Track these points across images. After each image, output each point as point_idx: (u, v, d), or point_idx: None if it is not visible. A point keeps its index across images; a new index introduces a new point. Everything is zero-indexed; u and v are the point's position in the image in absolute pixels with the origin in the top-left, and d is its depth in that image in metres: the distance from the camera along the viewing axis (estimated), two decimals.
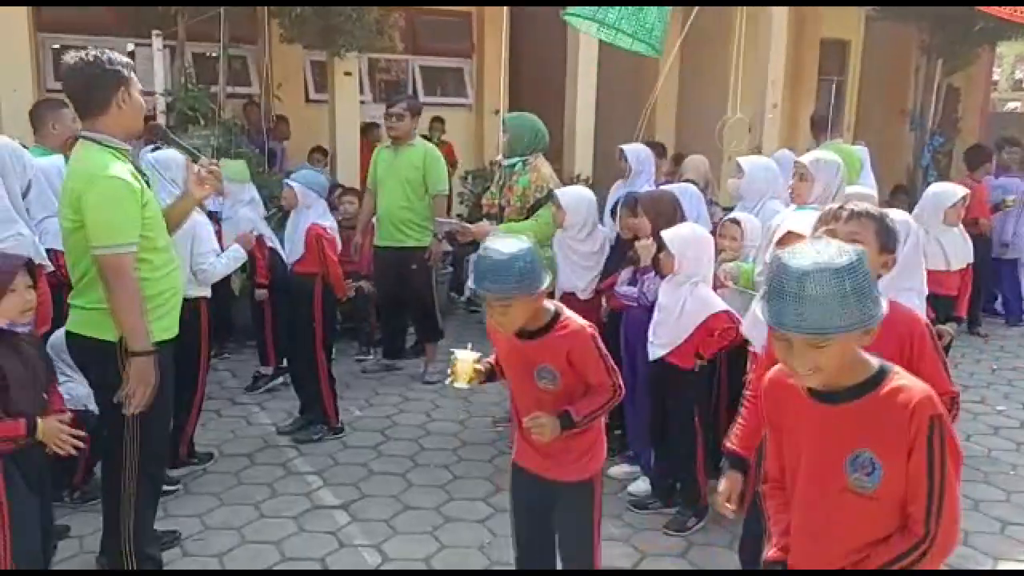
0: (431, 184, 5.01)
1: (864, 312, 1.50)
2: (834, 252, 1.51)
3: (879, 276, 2.10)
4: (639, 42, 4.08)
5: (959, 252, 4.34)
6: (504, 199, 4.29)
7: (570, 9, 4.14)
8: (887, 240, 2.12)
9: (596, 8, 4.06)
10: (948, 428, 1.58)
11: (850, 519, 1.65)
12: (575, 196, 4.16)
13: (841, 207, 2.18)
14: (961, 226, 4.37)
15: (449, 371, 2.47)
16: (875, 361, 1.64)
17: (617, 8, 3.98)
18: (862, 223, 2.11)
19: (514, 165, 4.29)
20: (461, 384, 2.45)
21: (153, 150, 4.04)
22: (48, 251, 3.22)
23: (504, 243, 2.19)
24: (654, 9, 3.94)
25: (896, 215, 2.93)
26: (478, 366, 2.45)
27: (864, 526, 1.65)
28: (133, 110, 2.68)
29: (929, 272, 2.19)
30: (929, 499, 1.57)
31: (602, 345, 2.34)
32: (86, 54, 2.63)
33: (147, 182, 2.75)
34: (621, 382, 2.36)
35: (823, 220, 2.19)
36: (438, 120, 8.80)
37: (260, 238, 4.79)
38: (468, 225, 4.42)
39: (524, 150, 4.27)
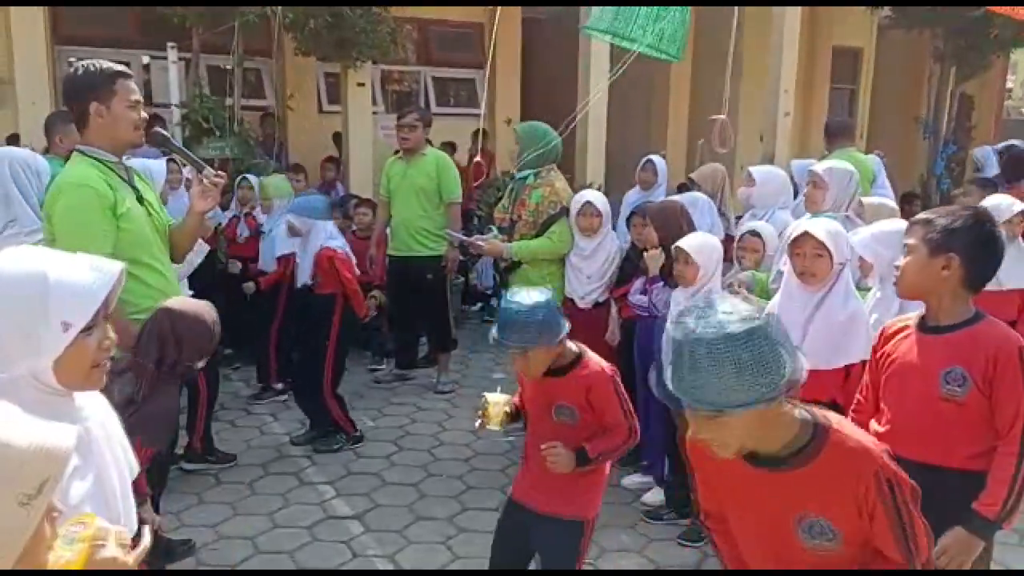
0: (444, 193, 5.02)
1: (766, 386, 1.36)
2: (735, 317, 1.39)
3: (958, 287, 2.09)
4: (659, 51, 4.06)
5: (1014, 270, 3.66)
6: (516, 213, 4.24)
7: (590, 23, 4.12)
8: (935, 240, 2.08)
9: (615, 18, 4.03)
10: (893, 473, 1.51)
11: (813, 570, 1.59)
12: (605, 201, 4.22)
13: (911, 220, 2.19)
14: (1020, 241, 3.87)
15: (480, 413, 2.51)
16: (806, 419, 1.52)
17: (636, 21, 3.95)
18: (912, 232, 2.13)
19: (526, 177, 4.23)
20: (493, 427, 2.51)
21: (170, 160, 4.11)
22: None
23: (524, 296, 2.29)
24: (676, 16, 3.92)
25: (896, 224, 2.93)
26: (507, 409, 2.51)
27: (829, 570, 1.59)
28: (113, 123, 2.58)
29: (981, 294, 2.17)
30: (905, 543, 1.53)
31: (621, 388, 2.40)
32: (79, 65, 2.59)
33: (139, 196, 2.71)
34: (637, 425, 2.41)
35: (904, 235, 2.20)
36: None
37: (291, 256, 4.69)
38: (480, 243, 4.36)
39: (535, 161, 4.21)
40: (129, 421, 2.34)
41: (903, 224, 2.89)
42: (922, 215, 2.17)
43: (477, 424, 2.52)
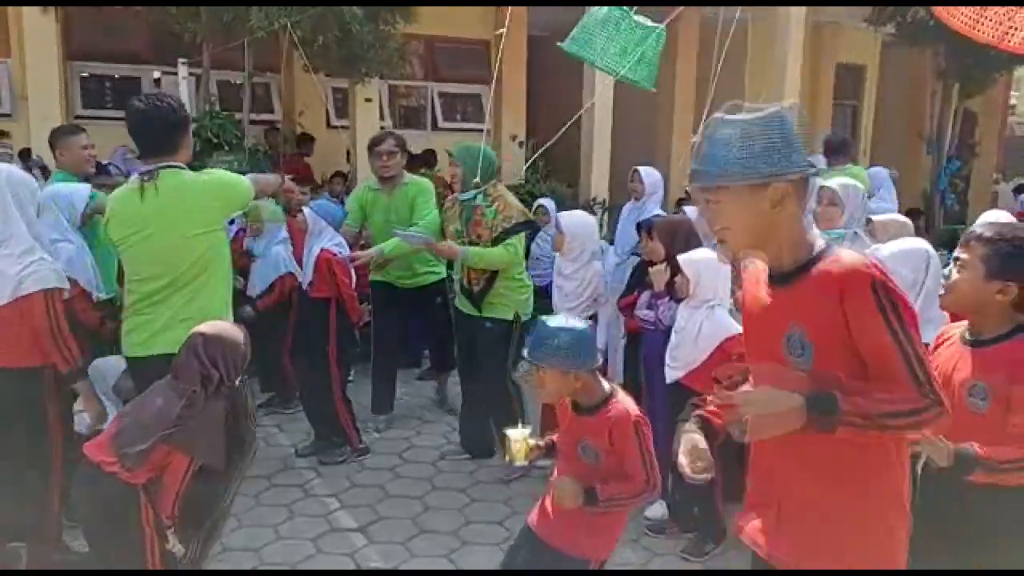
0: (417, 218, 4.65)
1: (760, 163, 1.47)
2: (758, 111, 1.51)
3: (1008, 307, 2.06)
4: (633, 80, 4.09)
5: None
6: (473, 234, 4.08)
7: (567, 42, 4.14)
8: (997, 264, 2.05)
9: (590, 45, 4.05)
10: (888, 288, 1.51)
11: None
12: (574, 222, 4.19)
13: (971, 231, 2.16)
14: None
15: (506, 453, 2.52)
16: (821, 243, 1.61)
17: (612, 52, 3.97)
18: (969, 247, 2.11)
19: (473, 198, 4.06)
20: (520, 463, 2.51)
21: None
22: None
23: (560, 320, 2.36)
24: (652, 46, 3.96)
25: (915, 243, 2.95)
26: (531, 441, 2.50)
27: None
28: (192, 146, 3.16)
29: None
30: (911, 368, 1.50)
31: (645, 435, 2.35)
32: (160, 100, 3.02)
33: None
34: (657, 480, 2.36)
35: (960, 246, 2.18)
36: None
37: (291, 275, 4.76)
38: (435, 243, 4.14)
39: (480, 181, 4.02)
40: (174, 437, 2.42)
41: (922, 243, 2.92)
42: (982, 230, 2.13)
43: (507, 459, 2.51)
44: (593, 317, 4.12)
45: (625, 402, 2.39)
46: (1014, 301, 2.07)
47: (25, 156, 6.49)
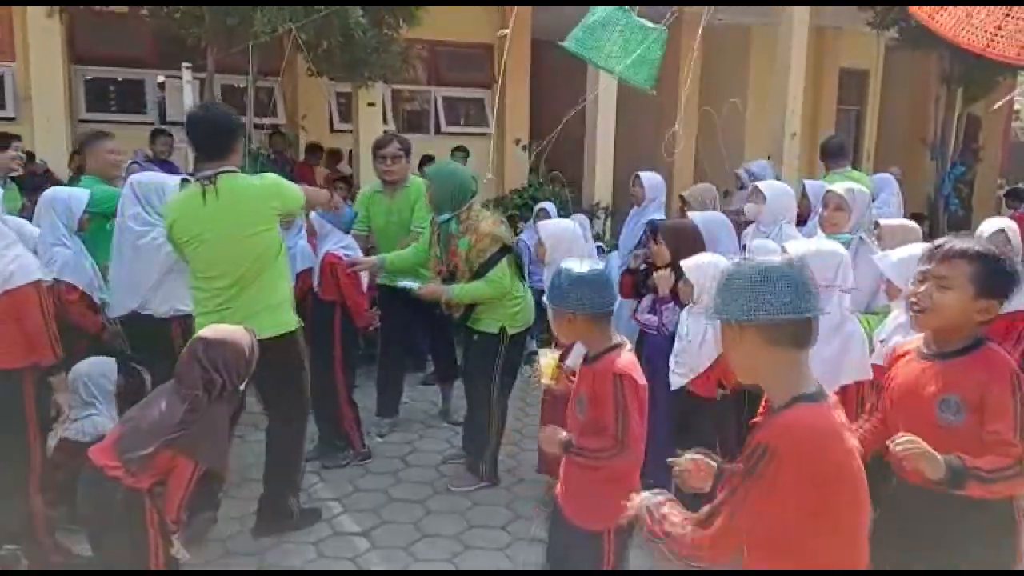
0: (415, 222, 4.68)
1: (737, 309, 1.61)
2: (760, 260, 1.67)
3: (979, 323, 2.01)
4: (631, 80, 4.08)
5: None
6: (451, 263, 3.98)
7: (566, 41, 4.12)
8: (987, 284, 1.98)
9: (588, 45, 4.04)
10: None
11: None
12: (553, 231, 4.09)
13: (939, 245, 2.08)
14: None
15: (534, 372, 2.57)
16: (799, 390, 1.64)
17: (611, 49, 3.95)
18: (953, 265, 2.01)
19: (448, 221, 3.96)
20: (547, 382, 2.54)
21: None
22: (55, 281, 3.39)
23: (574, 263, 2.40)
24: (652, 50, 3.94)
25: (923, 248, 2.93)
26: (560, 364, 2.54)
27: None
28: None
29: None
30: None
31: (625, 393, 2.31)
32: (216, 109, 3.38)
33: None
34: (628, 439, 2.31)
35: (923, 258, 2.11)
36: (460, 149, 8.68)
37: (310, 271, 4.68)
38: (419, 291, 4.06)
39: (452, 205, 3.92)
40: (177, 441, 2.42)
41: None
42: (965, 246, 2.04)
43: (534, 379, 2.56)
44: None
45: (622, 358, 2.35)
46: (989, 319, 2.02)
47: (28, 159, 6.51)
